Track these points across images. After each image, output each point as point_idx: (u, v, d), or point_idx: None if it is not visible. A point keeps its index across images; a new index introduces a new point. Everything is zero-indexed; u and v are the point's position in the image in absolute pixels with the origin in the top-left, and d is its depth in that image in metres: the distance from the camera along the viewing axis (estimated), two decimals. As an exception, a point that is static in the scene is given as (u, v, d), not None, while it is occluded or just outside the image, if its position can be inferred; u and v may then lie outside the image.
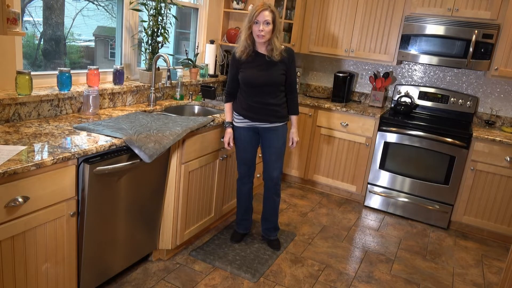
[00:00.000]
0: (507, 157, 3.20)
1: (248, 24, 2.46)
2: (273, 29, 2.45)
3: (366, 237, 3.23)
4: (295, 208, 3.63)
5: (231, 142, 2.68)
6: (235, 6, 3.93)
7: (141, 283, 2.36)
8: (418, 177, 3.55)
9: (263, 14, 2.41)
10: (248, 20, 2.46)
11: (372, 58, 3.82)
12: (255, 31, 2.45)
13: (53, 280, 1.87)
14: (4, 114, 2.09)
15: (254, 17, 2.42)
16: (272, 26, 2.44)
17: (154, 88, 2.96)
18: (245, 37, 2.50)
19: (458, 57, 3.42)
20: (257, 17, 2.41)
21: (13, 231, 1.61)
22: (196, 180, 2.63)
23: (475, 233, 3.51)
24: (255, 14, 2.42)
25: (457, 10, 3.40)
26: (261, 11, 2.41)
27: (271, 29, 2.44)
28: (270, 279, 2.54)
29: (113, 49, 3.08)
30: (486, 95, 3.75)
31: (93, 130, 2.10)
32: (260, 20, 2.41)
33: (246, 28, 2.48)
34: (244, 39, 2.51)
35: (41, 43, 2.66)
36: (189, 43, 3.89)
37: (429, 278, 2.75)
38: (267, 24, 2.42)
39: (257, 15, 2.41)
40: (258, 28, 2.43)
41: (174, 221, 2.53)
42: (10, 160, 1.59)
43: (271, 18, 2.43)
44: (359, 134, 3.74)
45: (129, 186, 2.16)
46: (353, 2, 3.79)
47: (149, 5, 2.91)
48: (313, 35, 4.02)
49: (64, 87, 2.39)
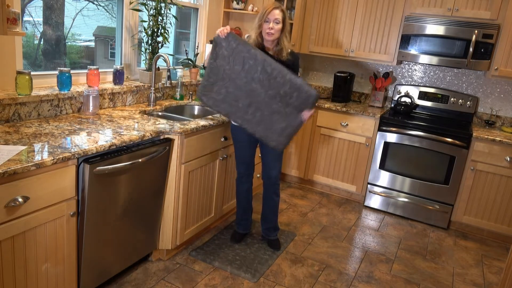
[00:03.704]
0: (507, 157, 3.20)
1: (259, 23, 2.49)
2: (282, 28, 2.49)
3: (366, 237, 3.23)
4: (295, 208, 3.63)
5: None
6: (235, 6, 3.93)
7: (141, 283, 2.36)
8: (418, 177, 3.55)
9: (274, 12, 2.45)
10: (258, 19, 2.49)
11: (372, 58, 3.82)
12: (264, 29, 2.48)
13: (53, 280, 1.87)
14: (4, 114, 2.09)
15: (265, 16, 2.45)
16: (281, 25, 2.48)
17: (154, 88, 2.96)
18: (256, 36, 2.53)
19: (458, 57, 3.42)
20: (268, 15, 2.45)
21: (13, 231, 1.61)
22: (196, 180, 2.63)
23: (475, 233, 3.51)
24: (266, 12, 2.45)
25: (457, 10, 3.40)
26: (272, 10, 2.45)
27: (280, 28, 2.48)
28: (270, 279, 2.54)
29: (113, 49, 3.08)
30: (486, 95, 3.75)
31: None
32: (271, 19, 2.44)
33: (257, 27, 2.51)
34: (255, 37, 2.54)
35: (41, 43, 2.66)
36: (189, 43, 3.89)
37: (429, 278, 2.75)
38: (277, 23, 2.46)
39: (268, 13, 2.45)
40: (268, 26, 2.46)
41: (174, 221, 2.53)
42: (10, 160, 1.59)
43: (281, 17, 2.47)
44: (359, 134, 3.74)
45: (129, 186, 2.16)
46: (353, 2, 3.79)
47: (149, 5, 2.91)
48: (313, 35, 4.02)
49: (64, 87, 2.39)
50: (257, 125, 2.43)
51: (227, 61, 2.37)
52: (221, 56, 2.37)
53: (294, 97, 2.37)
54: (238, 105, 2.41)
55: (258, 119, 2.41)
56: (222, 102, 2.42)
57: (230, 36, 2.36)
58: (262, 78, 2.36)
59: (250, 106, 2.40)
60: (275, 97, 2.38)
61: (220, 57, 2.37)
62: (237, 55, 2.36)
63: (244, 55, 2.36)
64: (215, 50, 2.38)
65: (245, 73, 2.37)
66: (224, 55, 2.36)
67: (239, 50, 2.36)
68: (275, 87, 2.37)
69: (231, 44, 2.36)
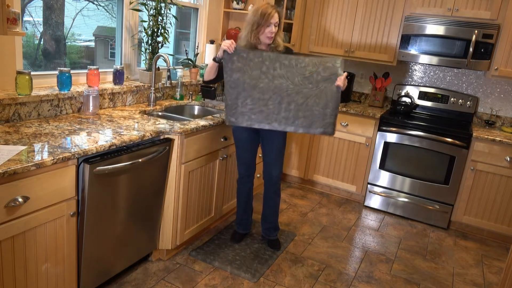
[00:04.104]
0: (507, 157, 3.20)
1: (258, 26, 2.43)
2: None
3: (366, 237, 3.23)
4: (295, 208, 3.63)
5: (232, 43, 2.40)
6: (235, 6, 3.93)
7: (141, 283, 2.36)
8: (418, 177, 3.55)
9: (275, 16, 2.43)
10: (256, 22, 2.43)
11: (372, 58, 3.82)
12: (266, 33, 2.44)
13: (53, 280, 1.87)
14: (4, 114, 2.09)
15: (268, 20, 2.41)
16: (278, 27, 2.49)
17: (154, 88, 2.96)
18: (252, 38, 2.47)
19: (458, 57, 3.42)
20: (271, 19, 2.42)
21: (13, 231, 1.61)
22: (196, 180, 2.63)
23: (475, 233, 3.51)
24: (268, 16, 2.41)
25: (457, 10, 3.40)
26: (274, 14, 2.43)
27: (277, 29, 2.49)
28: (270, 279, 2.54)
29: (113, 49, 3.08)
30: (486, 95, 3.75)
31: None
32: (272, 22, 2.43)
33: (254, 30, 2.45)
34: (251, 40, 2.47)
35: (41, 43, 2.66)
36: (189, 43, 3.89)
37: (429, 278, 2.75)
38: (276, 25, 2.46)
39: (270, 17, 2.41)
40: (270, 30, 2.44)
41: (174, 221, 2.53)
42: (10, 160, 1.59)
43: (279, 19, 2.48)
44: (359, 134, 3.74)
45: (129, 186, 2.16)
46: (353, 2, 3.79)
47: (149, 5, 2.91)
48: (313, 35, 4.02)
49: (64, 87, 2.39)
50: (296, 118, 2.40)
51: (243, 71, 2.38)
52: (236, 70, 2.38)
53: (320, 71, 2.39)
54: (269, 108, 2.40)
55: (295, 112, 2.40)
56: (252, 113, 2.40)
57: (237, 48, 2.38)
58: (283, 72, 2.39)
59: (281, 102, 2.40)
60: (303, 81, 2.39)
61: (235, 71, 2.38)
62: (251, 62, 2.38)
63: (258, 59, 2.38)
64: (228, 66, 2.39)
65: (265, 74, 2.39)
66: (239, 67, 2.38)
67: (251, 57, 2.38)
68: (299, 73, 2.39)
69: (241, 55, 2.38)
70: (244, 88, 2.38)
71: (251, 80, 2.38)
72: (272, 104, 2.39)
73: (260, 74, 2.38)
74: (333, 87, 2.40)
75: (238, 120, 2.42)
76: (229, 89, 2.40)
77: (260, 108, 2.39)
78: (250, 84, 2.38)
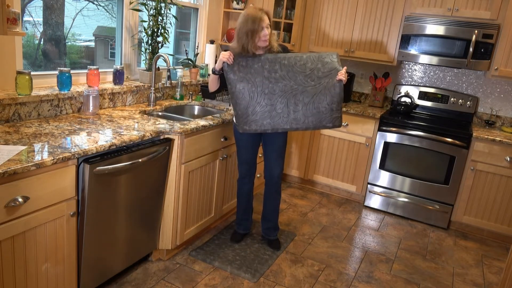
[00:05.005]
0: (507, 157, 3.20)
1: (252, 33, 2.38)
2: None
3: (366, 237, 3.23)
4: (295, 208, 3.63)
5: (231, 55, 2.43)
6: (235, 6, 3.93)
7: (141, 283, 2.36)
8: (418, 177, 3.55)
9: (265, 19, 2.41)
10: (251, 30, 2.37)
11: (372, 58, 3.82)
12: (261, 37, 2.41)
13: (53, 280, 1.87)
14: (4, 114, 2.09)
15: (260, 25, 2.38)
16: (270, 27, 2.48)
17: (154, 88, 2.96)
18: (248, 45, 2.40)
19: (458, 57, 3.42)
20: (262, 23, 2.38)
21: (13, 231, 1.61)
22: (196, 180, 2.63)
23: (475, 233, 3.51)
24: (259, 21, 2.37)
25: (457, 10, 3.41)
26: (263, 17, 2.40)
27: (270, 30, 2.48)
28: (270, 279, 2.54)
29: (113, 49, 3.08)
30: (486, 95, 3.75)
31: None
32: (264, 26, 2.41)
33: (249, 38, 2.38)
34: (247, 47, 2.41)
35: (41, 43, 2.66)
36: (189, 43, 3.89)
37: (429, 278, 2.75)
38: (267, 27, 2.44)
39: (261, 21, 2.38)
40: (264, 33, 2.41)
41: (174, 221, 2.53)
42: (10, 160, 1.59)
43: (269, 20, 2.46)
44: (359, 134, 3.74)
45: (129, 186, 2.16)
46: (353, 2, 3.79)
47: (149, 5, 2.91)
48: (313, 35, 4.02)
49: (64, 87, 2.39)
50: (305, 118, 2.43)
51: (246, 80, 2.40)
52: (238, 80, 2.40)
53: (320, 67, 2.42)
54: (277, 112, 2.42)
55: (303, 112, 2.43)
56: (263, 119, 2.43)
57: (236, 58, 2.40)
58: (284, 73, 2.41)
59: (288, 104, 2.42)
60: (305, 80, 2.42)
61: (238, 81, 2.40)
62: (251, 69, 2.40)
63: (257, 65, 2.40)
64: (230, 77, 2.40)
65: (267, 79, 2.41)
66: (241, 77, 2.39)
67: (250, 64, 2.40)
68: (300, 71, 2.42)
69: (241, 64, 2.40)
70: (251, 96, 2.40)
71: (255, 88, 2.40)
72: (280, 107, 2.42)
73: (263, 80, 2.40)
74: (335, 82, 2.43)
75: (252, 128, 2.45)
76: (236, 100, 2.43)
77: (270, 114, 2.43)
78: (255, 91, 2.40)
